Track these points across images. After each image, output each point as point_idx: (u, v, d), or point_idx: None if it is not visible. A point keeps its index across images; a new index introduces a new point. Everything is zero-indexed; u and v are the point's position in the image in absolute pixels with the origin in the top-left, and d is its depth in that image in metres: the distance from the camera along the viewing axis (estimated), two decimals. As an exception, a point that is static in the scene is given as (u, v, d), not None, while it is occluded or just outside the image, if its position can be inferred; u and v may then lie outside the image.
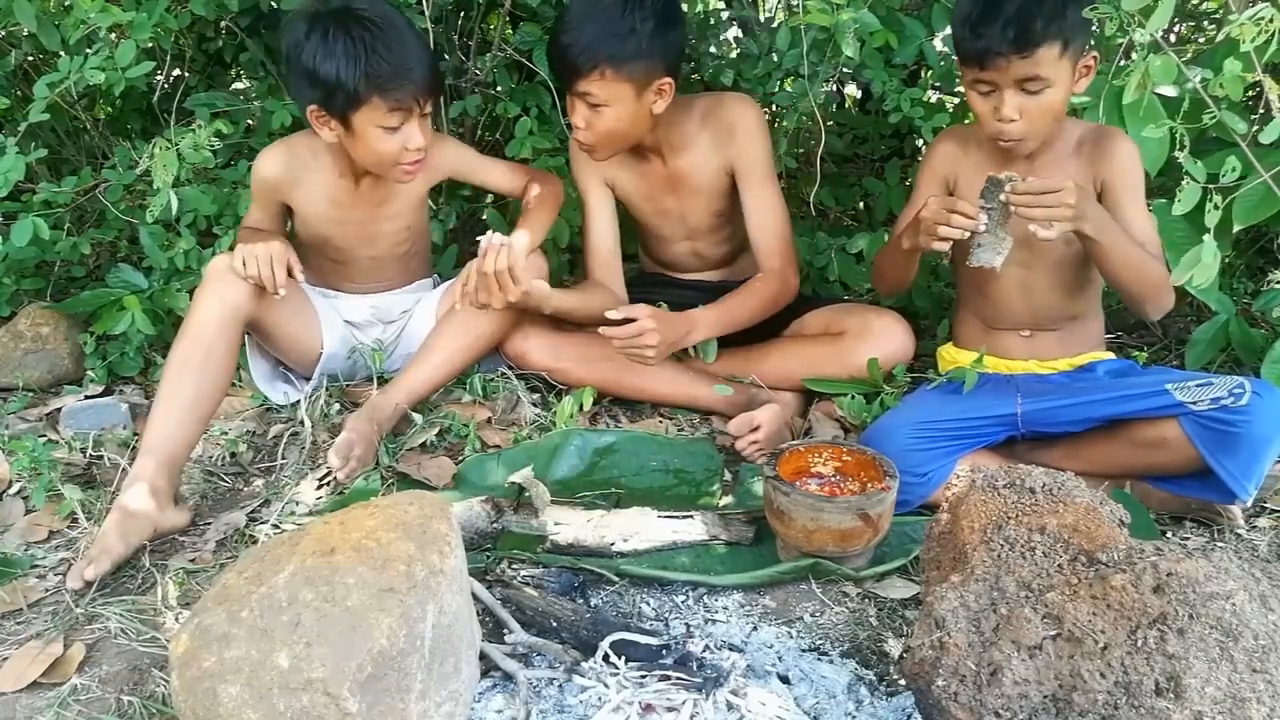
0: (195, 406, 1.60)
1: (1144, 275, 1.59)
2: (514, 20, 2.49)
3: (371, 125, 1.70)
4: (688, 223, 2.07)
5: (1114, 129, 1.68)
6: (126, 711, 1.17)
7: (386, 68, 1.65)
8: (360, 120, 1.70)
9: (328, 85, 1.66)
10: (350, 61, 1.63)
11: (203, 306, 1.66)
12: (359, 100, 1.67)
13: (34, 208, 2.11)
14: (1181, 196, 1.45)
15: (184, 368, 1.61)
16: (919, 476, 1.59)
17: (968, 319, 1.83)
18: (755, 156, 1.94)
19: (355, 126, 1.71)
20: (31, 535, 1.55)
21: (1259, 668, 0.90)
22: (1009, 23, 1.46)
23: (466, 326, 1.92)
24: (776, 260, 1.96)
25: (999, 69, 1.51)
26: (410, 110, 1.71)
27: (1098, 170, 1.64)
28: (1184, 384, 1.50)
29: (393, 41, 1.66)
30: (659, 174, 1.99)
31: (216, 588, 1.01)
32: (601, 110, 1.78)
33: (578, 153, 2.00)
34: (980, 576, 1.03)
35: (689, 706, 1.10)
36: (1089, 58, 1.55)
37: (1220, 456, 1.47)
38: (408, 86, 1.68)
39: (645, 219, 2.10)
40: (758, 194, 1.95)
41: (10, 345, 2.09)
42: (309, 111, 1.73)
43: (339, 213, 1.91)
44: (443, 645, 1.01)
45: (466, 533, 1.48)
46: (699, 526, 1.53)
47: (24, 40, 2.24)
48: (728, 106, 1.94)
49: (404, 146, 1.73)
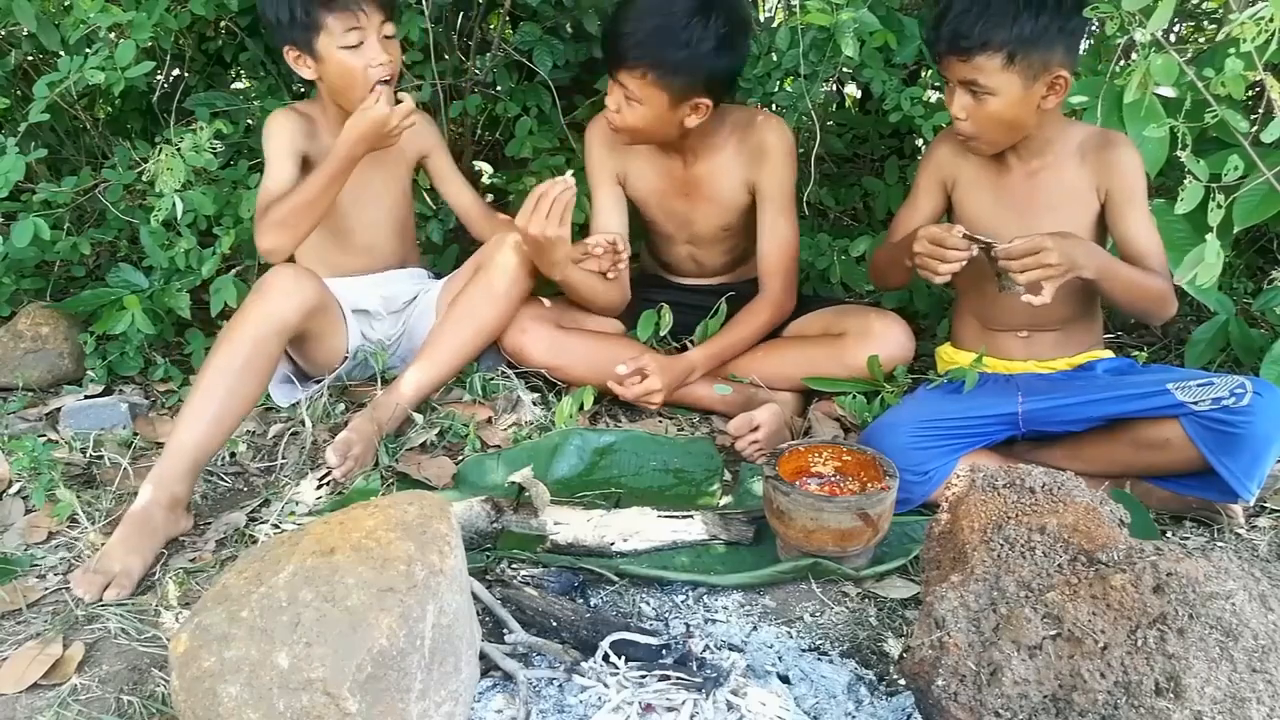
0: (225, 419, 1.59)
1: (1145, 295, 1.60)
2: (514, 20, 2.49)
3: (333, 49, 1.79)
4: (692, 228, 2.07)
5: (1117, 135, 1.68)
6: (126, 711, 1.17)
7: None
8: (323, 46, 1.79)
9: (284, 21, 1.78)
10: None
11: (252, 319, 1.64)
12: (314, 26, 1.77)
13: (34, 208, 2.11)
14: (1184, 195, 1.45)
15: (221, 379, 1.58)
16: (920, 475, 1.59)
17: (966, 320, 1.83)
18: (781, 181, 1.94)
19: (320, 54, 1.80)
20: (31, 535, 1.55)
21: (1259, 667, 0.90)
22: (949, 22, 1.53)
23: (468, 318, 1.91)
24: (778, 283, 1.98)
25: (945, 65, 1.58)
26: (363, 26, 1.78)
27: (1101, 179, 1.64)
28: (1185, 383, 1.50)
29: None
30: (677, 175, 1.99)
31: (216, 588, 1.01)
32: (634, 105, 1.79)
33: (595, 143, 2.00)
34: (980, 576, 1.03)
35: (689, 706, 1.10)
36: (1054, 77, 1.54)
37: (1222, 457, 1.47)
38: (352, 1, 1.76)
39: (650, 214, 2.10)
40: (775, 218, 1.96)
41: (10, 345, 2.09)
42: (285, 53, 1.84)
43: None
44: (443, 645, 1.01)
45: (466, 532, 1.48)
46: (699, 526, 1.53)
47: (24, 40, 2.24)
48: (762, 127, 1.93)
49: (367, 64, 1.79)
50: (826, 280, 2.33)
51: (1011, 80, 1.53)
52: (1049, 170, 1.67)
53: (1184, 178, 1.50)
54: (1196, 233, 1.67)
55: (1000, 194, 1.72)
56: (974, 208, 1.75)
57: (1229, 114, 1.50)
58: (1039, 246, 1.48)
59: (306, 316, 1.73)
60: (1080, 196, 1.66)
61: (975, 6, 1.51)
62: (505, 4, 2.34)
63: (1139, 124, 1.72)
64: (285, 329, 1.68)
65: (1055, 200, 1.67)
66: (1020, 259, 1.49)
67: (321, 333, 1.88)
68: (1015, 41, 1.50)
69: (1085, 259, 1.52)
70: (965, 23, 1.51)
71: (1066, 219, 1.64)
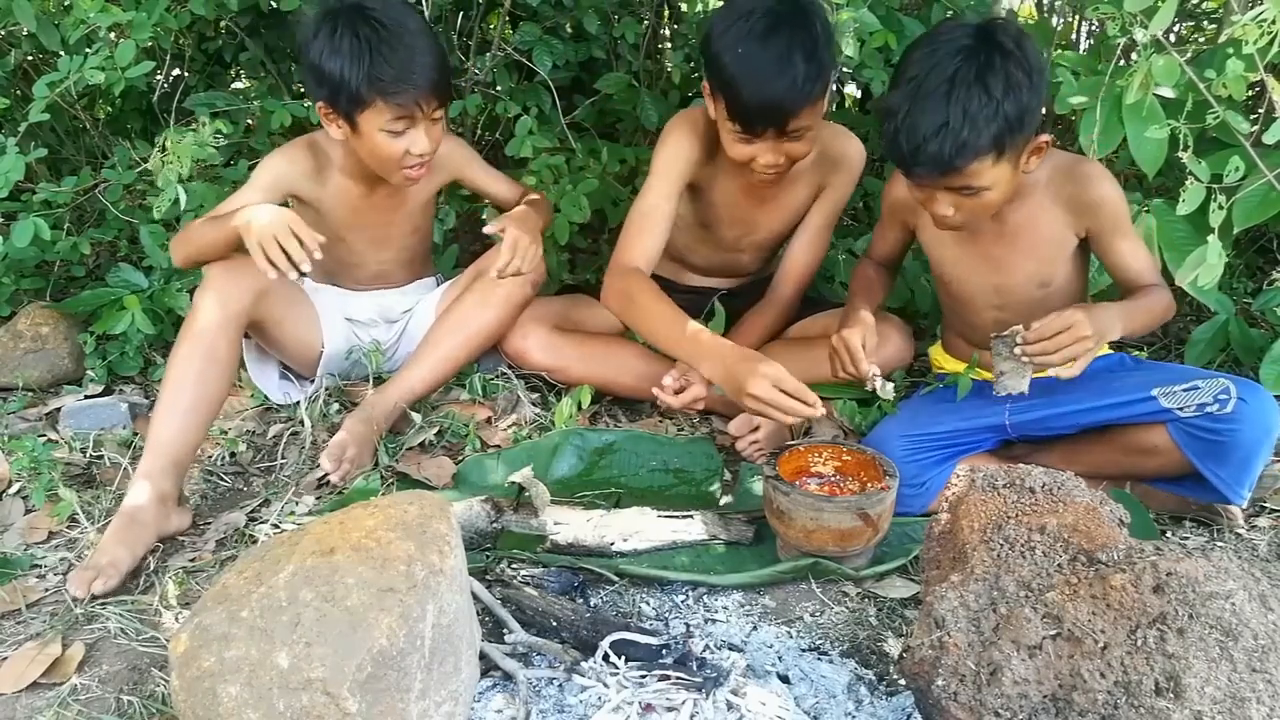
0: (198, 409, 1.60)
1: (1157, 319, 1.58)
2: (514, 20, 2.49)
3: (375, 127, 1.69)
4: (752, 235, 2.02)
5: (1086, 167, 1.56)
6: (126, 711, 1.17)
7: (390, 71, 1.63)
8: (365, 121, 1.69)
9: (332, 84, 1.65)
10: (354, 62, 1.62)
11: (203, 309, 1.64)
12: (362, 101, 1.65)
13: (34, 208, 2.11)
14: (1186, 196, 1.44)
15: (186, 370, 1.60)
16: (916, 487, 1.59)
17: (952, 336, 1.83)
18: (843, 196, 1.94)
19: (360, 126, 1.70)
20: (31, 535, 1.55)
21: (1259, 667, 0.90)
22: (929, 143, 1.36)
23: (466, 322, 1.92)
24: (792, 290, 2.00)
25: (925, 182, 1.45)
26: (414, 116, 1.69)
27: (1079, 219, 1.56)
28: (1171, 389, 1.48)
29: (400, 44, 1.63)
30: (757, 186, 1.86)
31: (216, 587, 1.01)
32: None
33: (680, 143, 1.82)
34: (980, 576, 1.03)
35: (689, 706, 1.10)
36: (1038, 142, 1.45)
37: (1210, 463, 1.47)
38: (411, 92, 1.66)
39: (706, 219, 2.00)
40: (821, 230, 1.97)
41: (10, 345, 2.09)
42: (318, 107, 1.73)
43: (354, 218, 1.91)
44: (443, 645, 1.01)
45: (466, 532, 1.48)
46: (699, 526, 1.53)
47: (24, 40, 2.24)
48: (843, 139, 1.91)
49: (407, 150, 1.72)
50: (828, 280, 2.33)
51: (1003, 170, 1.42)
52: (1020, 212, 1.57)
53: (1184, 178, 1.50)
54: (1197, 233, 1.67)
55: (967, 243, 1.64)
56: (940, 253, 1.69)
57: (1230, 115, 1.49)
58: (1070, 322, 1.39)
59: (258, 299, 1.71)
60: (1056, 236, 1.58)
61: (953, 117, 1.34)
62: (505, 4, 2.34)
63: (1139, 125, 1.72)
64: (240, 313, 1.67)
65: (1030, 245, 1.59)
66: (1052, 339, 1.40)
67: (284, 319, 1.85)
68: (1004, 133, 1.37)
69: (1109, 325, 1.45)
70: (949, 140, 1.35)
71: (1044, 259, 1.59)
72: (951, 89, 1.35)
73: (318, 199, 1.86)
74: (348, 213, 1.90)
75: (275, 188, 1.80)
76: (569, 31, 2.57)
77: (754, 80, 1.59)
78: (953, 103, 1.34)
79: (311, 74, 1.69)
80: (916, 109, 1.37)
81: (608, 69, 2.56)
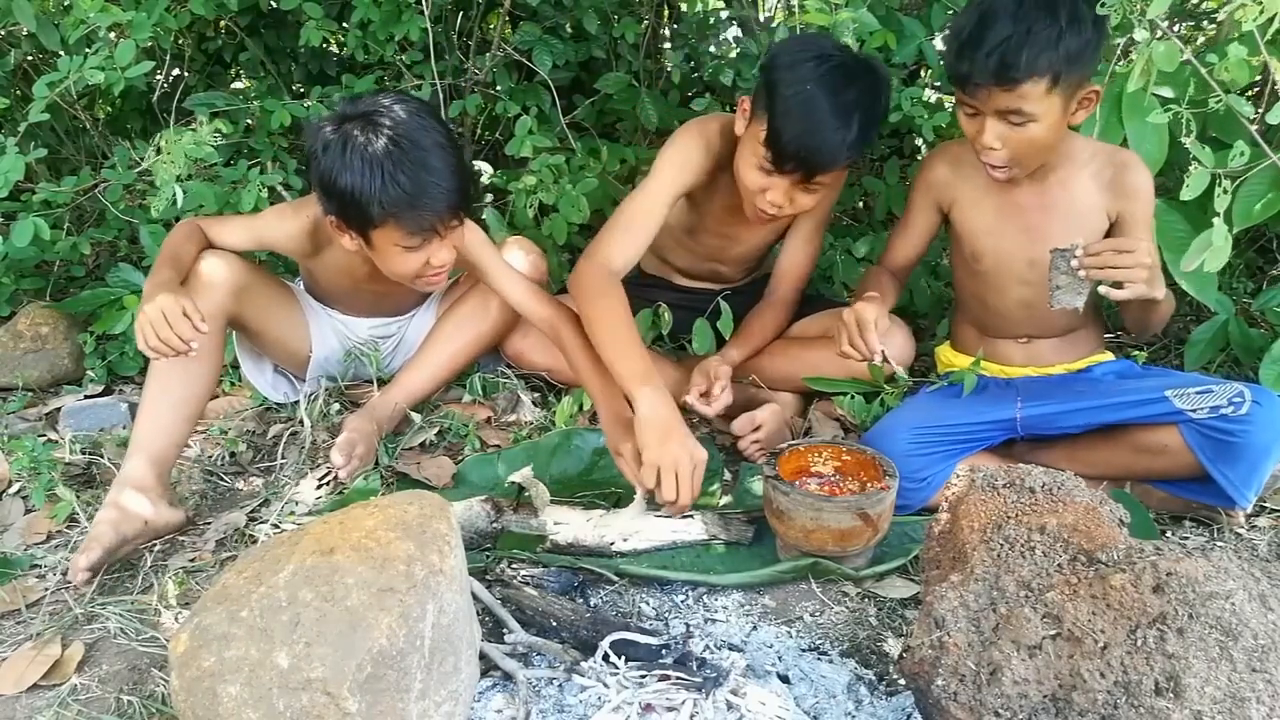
0: (182, 405, 1.59)
1: (1164, 316, 1.60)
2: (514, 20, 2.49)
3: (390, 243, 1.58)
4: (735, 249, 2.04)
5: (1129, 155, 1.63)
6: (126, 711, 1.17)
7: (403, 196, 1.50)
8: (379, 238, 1.58)
9: (343, 201, 1.54)
10: (366, 182, 1.49)
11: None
12: (375, 223, 1.55)
13: (34, 208, 2.11)
14: (1190, 182, 1.43)
15: (169, 366, 1.58)
16: (918, 481, 1.59)
17: (965, 327, 1.82)
18: (826, 204, 1.93)
19: (374, 242, 1.59)
20: (31, 535, 1.55)
21: (1258, 667, 0.90)
22: (992, 52, 1.41)
23: (466, 325, 1.92)
24: (790, 289, 2.00)
25: (980, 96, 1.47)
26: (431, 235, 1.58)
27: (1114, 203, 1.60)
28: (1184, 390, 1.49)
29: (413, 164, 1.50)
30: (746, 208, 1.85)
31: (216, 587, 1.01)
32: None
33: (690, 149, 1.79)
34: (980, 576, 1.03)
35: (689, 706, 1.10)
36: (1089, 90, 1.48)
37: (1220, 465, 1.47)
38: (427, 216, 1.54)
39: (692, 226, 2.00)
40: (814, 232, 1.97)
41: (10, 345, 2.09)
42: (328, 220, 1.61)
43: (354, 284, 1.88)
44: (442, 645, 1.01)
45: (466, 532, 1.48)
46: (699, 526, 1.52)
47: (24, 40, 2.24)
48: None
49: (426, 262, 1.62)
50: (828, 280, 2.33)
51: (1054, 104, 1.45)
52: (1061, 186, 1.62)
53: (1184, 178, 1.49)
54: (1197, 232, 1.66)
55: (1006, 211, 1.66)
56: (975, 226, 1.70)
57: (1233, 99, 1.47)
58: (1132, 246, 1.42)
59: (238, 294, 1.70)
60: (1091, 216, 1.62)
61: (1017, 32, 1.39)
62: (505, 4, 2.34)
63: (1139, 119, 1.71)
64: (219, 310, 1.66)
65: (1067, 217, 1.62)
66: (1112, 255, 1.43)
67: (268, 319, 1.83)
68: (1061, 62, 1.41)
69: (1159, 276, 1.47)
70: (1010, 50, 1.39)
71: (1077, 234, 1.57)
72: (1020, 7, 1.41)
73: (309, 270, 1.85)
74: (348, 282, 1.87)
75: (266, 241, 1.77)
76: (569, 31, 2.57)
77: (807, 122, 1.58)
78: (1019, 20, 1.40)
79: (320, 187, 1.56)
80: (984, 21, 1.43)
81: (608, 69, 2.56)
